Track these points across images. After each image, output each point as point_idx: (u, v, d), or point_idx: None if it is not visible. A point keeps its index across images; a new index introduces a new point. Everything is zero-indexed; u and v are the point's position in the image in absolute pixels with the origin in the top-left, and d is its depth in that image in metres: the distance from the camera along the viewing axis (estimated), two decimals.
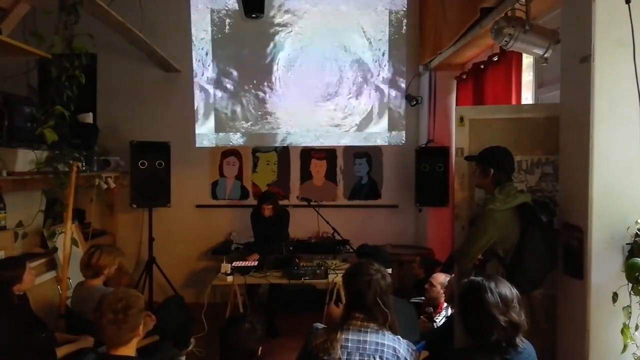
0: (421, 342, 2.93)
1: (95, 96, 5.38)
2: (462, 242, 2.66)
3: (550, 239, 2.43)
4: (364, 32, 5.46)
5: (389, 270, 2.82)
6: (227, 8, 5.42)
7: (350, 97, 5.50)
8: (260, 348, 2.20)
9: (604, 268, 2.15)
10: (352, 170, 5.65)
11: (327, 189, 5.63)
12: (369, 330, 2.04)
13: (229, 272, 4.21)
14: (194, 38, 5.44)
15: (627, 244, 2.13)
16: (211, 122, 5.54)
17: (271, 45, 5.46)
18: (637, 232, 2.10)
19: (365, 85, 5.49)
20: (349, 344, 2.01)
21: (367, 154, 5.63)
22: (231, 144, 5.58)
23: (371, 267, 2.14)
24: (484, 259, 2.49)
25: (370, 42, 5.47)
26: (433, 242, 5.19)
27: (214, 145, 5.58)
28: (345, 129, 5.53)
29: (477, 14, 3.41)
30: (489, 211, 2.45)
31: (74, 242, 3.57)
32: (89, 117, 4.55)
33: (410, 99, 5.41)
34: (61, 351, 2.74)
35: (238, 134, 5.55)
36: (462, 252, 2.57)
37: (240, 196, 5.61)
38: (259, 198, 4.80)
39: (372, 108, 5.52)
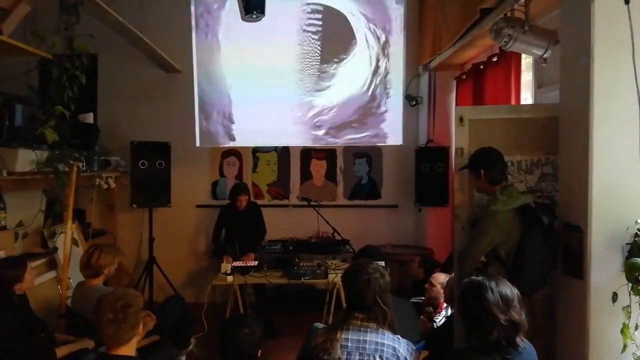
0: (421, 342, 2.93)
1: (96, 96, 5.39)
2: (465, 244, 2.66)
3: (551, 241, 2.42)
4: (365, 31, 5.46)
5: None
6: (224, 8, 5.42)
7: (350, 97, 5.49)
8: (260, 350, 2.21)
9: (604, 268, 2.16)
10: (352, 170, 5.65)
11: (327, 189, 5.63)
12: (368, 329, 2.04)
13: (229, 272, 4.22)
14: (193, 37, 5.44)
15: (626, 244, 2.13)
16: (211, 122, 5.54)
17: (268, 43, 5.44)
18: (637, 232, 2.11)
19: (365, 85, 5.49)
20: (349, 344, 2.01)
21: (367, 154, 5.63)
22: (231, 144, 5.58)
23: (370, 267, 2.14)
24: (486, 261, 2.49)
25: (370, 42, 5.47)
26: (433, 242, 5.19)
27: (214, 146, 5.58)
28: (345, 129, 5.52)
29: (477, 15, 3.42)
30: (491, 212, 2.45)
31: (74, 242, 3.57)
32: (89, 117, 4.55)
33: (410, 99, 5.41)
34: (61, 351, 2.74)
35: (236, 133, 5.55)
36: (465, 254, 2.56)
37: None
38: (233, 190, 4.75)
39: (372, 108, 5.51)
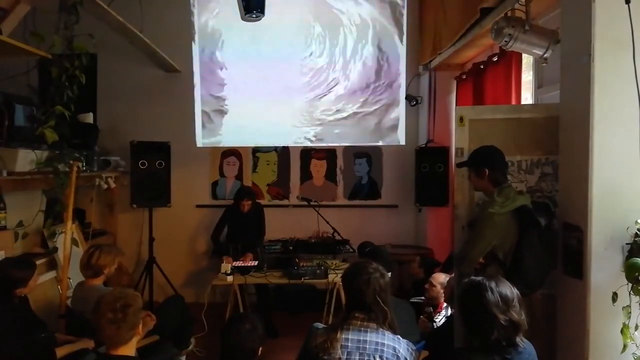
0: (421, 342, 2.93)
1: (96, 96, 5.39)
2: (462, 246, 2.65)
3: (548, 242, 2.41)
4: (364, 31, 5.45)
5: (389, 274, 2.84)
6: (224, 8, 5.41)
7: (351, 97, 5.49)
8: (261, 348, 2.21)
9: (604, 268, 2.15)
10: (352, 170, 5.65)
11: (327, 189, 5.63)
12: (368, 329, 2.04)
13: (229, 272, 4.22)
14: (193, 37, 5.44)
15: (626, 243, 2.13)
16: (211, 121, 5.54)
17: (268, 43, 5.44)
18: (636, 232, 2.11)
19: (365, 85, 5.49)
20: (349, 344, 2.01)
21: (367, 154, 5.63)
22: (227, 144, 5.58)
23: (370, 266, 2.15)
24: (485, 263, 2.48)
25: (370, 42, 5.46)
26: (433, 242, 5.19)
27: (214, 146, 5.58)
28: (345, 128, 5.52)
29: (477, 14, 3.41)
30: (489, 215, 2.43)
31: (74, 242, 3.57)
32: (89, 117, 4.56)
33: (410, 99, 5.41)
34: (61, 351, 2.74)
35: (236, 132, 5.55)
36: (463, 257, 2.55)
37: None
38: (238, 194, 4.79)
39: (372, 108, 5.51)
